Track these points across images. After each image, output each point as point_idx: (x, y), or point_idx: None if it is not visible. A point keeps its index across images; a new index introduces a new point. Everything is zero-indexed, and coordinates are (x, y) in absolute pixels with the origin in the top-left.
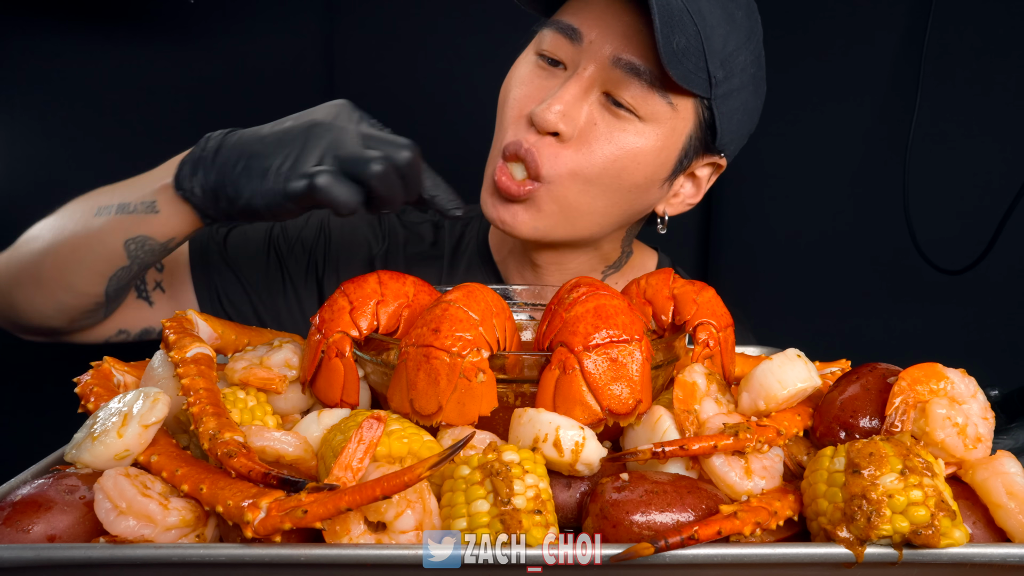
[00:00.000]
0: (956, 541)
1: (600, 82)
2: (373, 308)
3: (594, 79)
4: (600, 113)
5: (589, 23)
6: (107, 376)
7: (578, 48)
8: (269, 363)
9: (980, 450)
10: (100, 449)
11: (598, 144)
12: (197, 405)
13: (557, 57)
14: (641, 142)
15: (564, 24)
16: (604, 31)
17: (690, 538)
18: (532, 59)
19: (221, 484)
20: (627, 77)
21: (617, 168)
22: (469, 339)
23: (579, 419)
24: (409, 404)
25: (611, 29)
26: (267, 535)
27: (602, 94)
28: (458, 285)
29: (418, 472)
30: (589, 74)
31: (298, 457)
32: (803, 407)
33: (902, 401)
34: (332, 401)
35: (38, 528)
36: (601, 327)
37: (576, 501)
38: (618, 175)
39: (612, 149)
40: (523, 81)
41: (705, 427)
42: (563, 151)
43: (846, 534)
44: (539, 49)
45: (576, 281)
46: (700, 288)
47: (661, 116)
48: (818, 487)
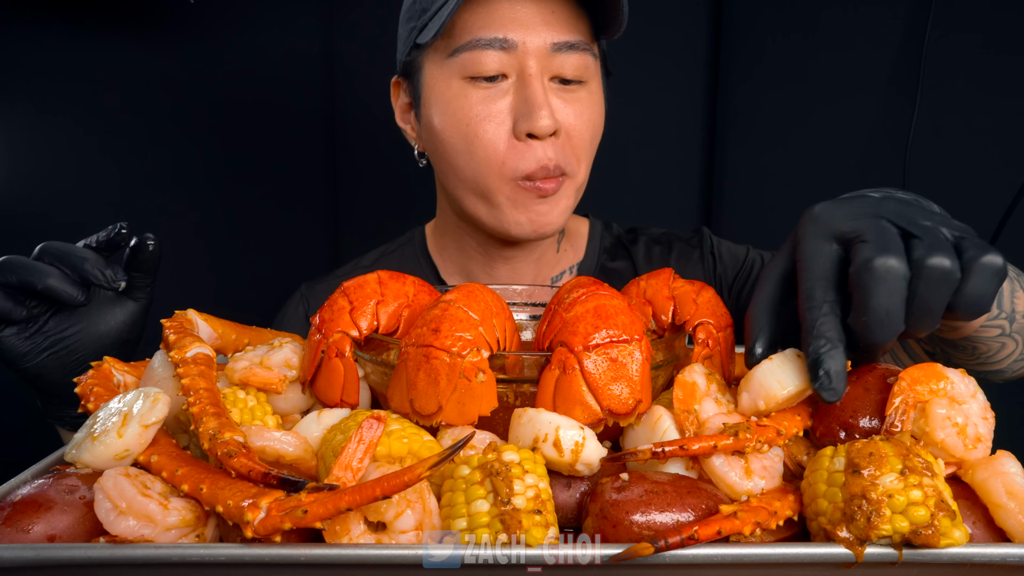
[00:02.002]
0: (956, 541)
1: (546, 71)
2: (373, 308)
3: (542, 71)
4: (561, 96)
5: (510, 27)
6: (107, 376)
7: (513, 54)
8: (269, 363)
9: (980, 450)
10: (100, 449)
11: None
12: (197, 405)
13: (494, 72)
14: (595, 99)
15: (487, 39)
16: (528, 28)
17: (690, 538)
18: (464, 85)
19: (221, 484)
20: (566, 55)
21: (595, 132)
22: (469, 339)
23: (579, 419)
24: (409, 404)
25: (530, 24)
26: (267, 535)
27: (550, 80)
28: (458, 285)
29: (418, 472)
30: (536, 70)
31: (298, 457)
32: (803, 407)
33: (902, 401)
34: (332, 401)
35: (38, 528)
36: (601, 327)
37: (576, 501)
38: (595, 138)
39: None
40: (477, 111)
41: (705, 427)
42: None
43: (846, 534)
44: (469, 73)
45: (576, 281)
46: (700, 288)
47: (594, 68)
48: (818, 487)
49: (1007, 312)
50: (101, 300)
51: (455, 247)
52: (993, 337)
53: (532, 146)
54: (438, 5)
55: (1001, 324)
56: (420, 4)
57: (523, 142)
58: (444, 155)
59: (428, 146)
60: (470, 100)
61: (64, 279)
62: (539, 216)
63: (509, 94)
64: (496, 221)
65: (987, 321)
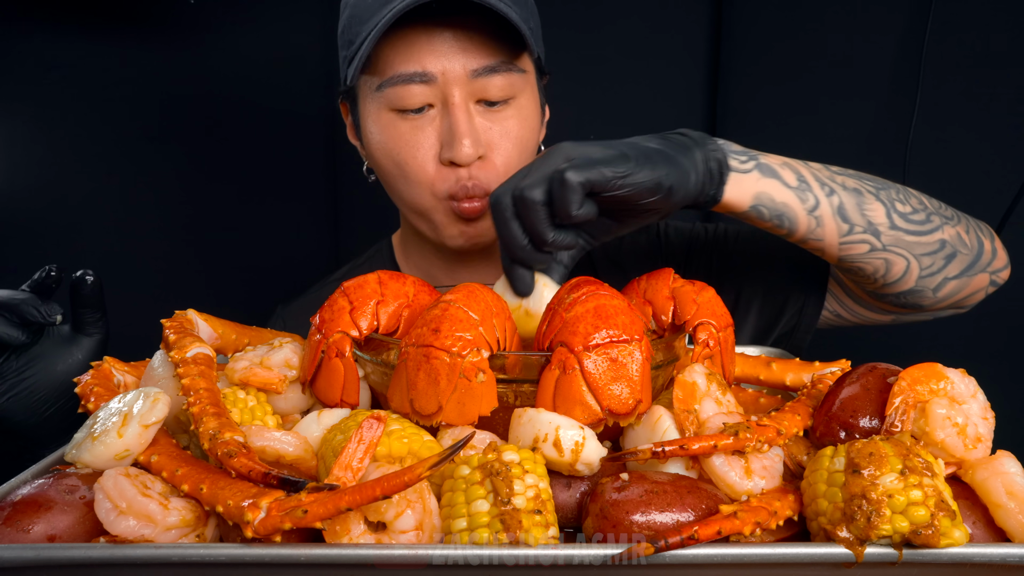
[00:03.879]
0: (956, 541)
1: (470, 96)
2: (373, 308)
3: (465, 98)
4: (486, 117)
5: (428, 60)
6: (107, 376)
7: (434, 85)
8: (269, 363)
9: (980, 450)
10: (100, 449)
11: (503, 142)
12: (197, 405)
13: (419, 105)
14: (525, 114)
15: (406, 75)
16: (446, 57)
17: (690, 538)
18: (393, 117)
19: (221, 484)
20: (487, 78)
21: (524, 145)
22: (469, 339)
23: (579, 419)
24: (409, 404)
25: (449, 53)
26: (267, 535)
27: (475, 103)
28: (458, 285)
29: (418, 472)
30: (459, 99)
31: (298, 457)
32: (803, 407)
33: (902, 401)
34: (332, 401)
35: (38, 528)
36: (601, 327)
37: (576, 501)
38: (528, 149)
39: (514, 138)
40: (407, 141)
41: (705, 427)
42: (488, 165)
43: (846, 534)
44: (395, 106)
45: (576, 281)
46: (700, 288)
47: (520, 83)
48: (818, 487)
49: (862, 226)
50: (56, 340)
51: (419, 254)
52: (865, 254)
53: (456, 170)
54: (361, 39)
55: (865, 239)
56: (348, 35)
57: (447, 167)
58: (383, 177)
59: (372, 166)
60: (399, 130)
61: (3, 322)
62: (470, 228)
63: (435, 120)
64: (436, 236)
65: (844, 237)
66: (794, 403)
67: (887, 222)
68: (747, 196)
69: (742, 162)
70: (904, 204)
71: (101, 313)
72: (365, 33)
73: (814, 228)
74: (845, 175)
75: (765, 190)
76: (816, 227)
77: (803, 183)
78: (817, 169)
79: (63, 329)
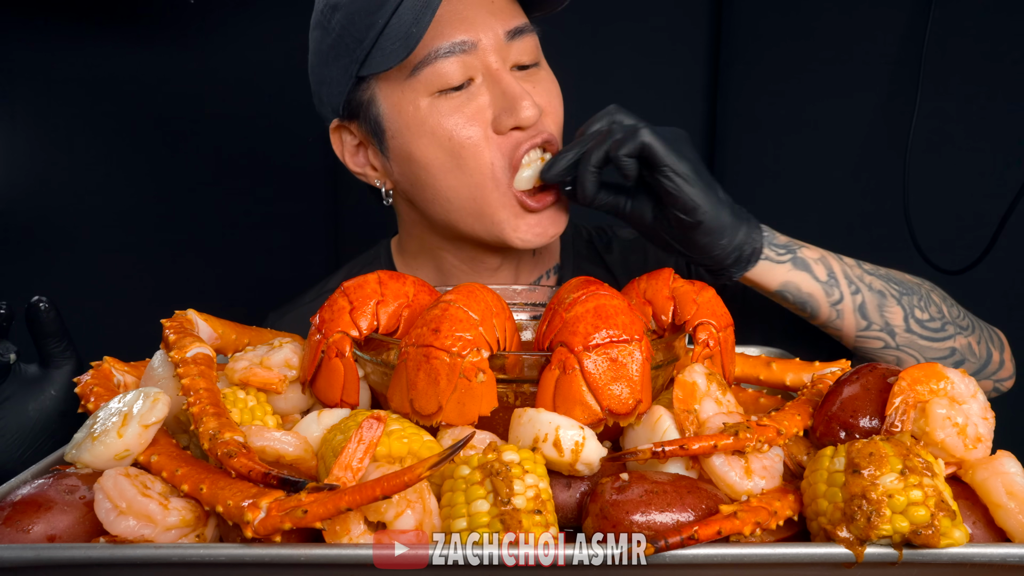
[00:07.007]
0: (956, 541)
1: (507, 62)
2: (373, 308)
3: (504, 63)
4: (526, 81)
5: (462, 29)
6: (107, 376)
7: (473, 54)
8: (269, 363)
9: (980, 450)
10: (100, 449)
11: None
12: (197, 405)
13: (461, 80)
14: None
15: (446, 47)
16: (478, 25)
17: (690, 538)
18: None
19: (221, 484)
20: (519, 41)
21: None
22: (469, 339)
23: (579, 419)
24: (409, 404)
25: (480, 18)
26: (267, 535)
27: (510, 69)
28: (458, 285)
29: (418, 472)
30: (499, 64)
31: (298, 457)
32: (803, 407)
33: (902, 401)
34: (332, 401)
35: (38, 528)
36: (601, 327)
37: (576, 501)
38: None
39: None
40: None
41: (705, 427)
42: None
43: (846, 534)
44: (435, 88)
45: (576, 281)
46: (700, 288)
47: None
48: (818, 487)
49: (879, 324)
50: (23, 379)
51: (431, 266)
52: (878, 349)
53: (514, 135)
54: (376, 31)
55: (880, 336)
56: (352, 36)
57: (504, 136)
58: (430, 181)
59: (406, 178)
60: (444, 113)
61: None
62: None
63: (480, 95)
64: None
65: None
66: (794, 403)
67: (904, 325)
68: (776, 282)
69: (779, 254)
70: (923, 312)
71: (66, 341)
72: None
73: (834, 319)
74: (875, 275)
75: (794, 280)
76: (836, 318)
77: (832, 278)
78: (850, 266)
79: (30, 368)
